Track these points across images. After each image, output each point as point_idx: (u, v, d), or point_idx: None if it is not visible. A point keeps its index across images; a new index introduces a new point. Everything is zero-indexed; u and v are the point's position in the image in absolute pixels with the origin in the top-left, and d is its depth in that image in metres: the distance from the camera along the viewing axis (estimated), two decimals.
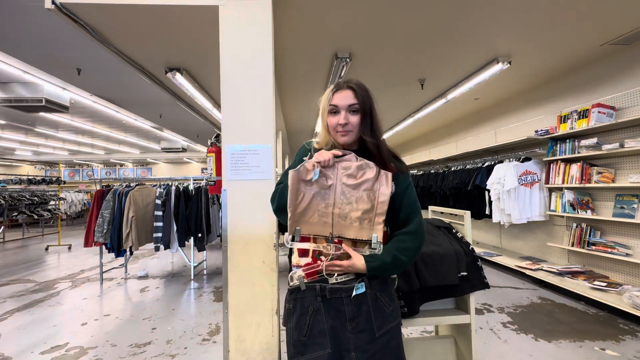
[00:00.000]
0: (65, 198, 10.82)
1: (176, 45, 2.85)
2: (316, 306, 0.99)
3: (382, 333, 0.99)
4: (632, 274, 3.11)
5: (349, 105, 1.03)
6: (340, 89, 1.05)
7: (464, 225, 1.72)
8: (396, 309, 1.06)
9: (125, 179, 5.10)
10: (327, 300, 0.99)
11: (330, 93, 1.06)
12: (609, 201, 3.28)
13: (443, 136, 7.03)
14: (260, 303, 1.87)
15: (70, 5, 2.04)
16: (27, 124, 7.15)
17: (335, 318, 0.99)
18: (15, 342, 2.66)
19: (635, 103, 3.04)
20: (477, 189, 4.55)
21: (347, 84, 1.05)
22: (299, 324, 0.99)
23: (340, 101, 1.03)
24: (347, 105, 1.03)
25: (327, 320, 0.98)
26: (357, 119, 1.04)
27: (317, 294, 0.99)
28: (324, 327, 0.98)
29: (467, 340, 1.67)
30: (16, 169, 14.79)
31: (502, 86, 4.38)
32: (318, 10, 2.49)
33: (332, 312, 0.99)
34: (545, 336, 2.56)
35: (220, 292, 3.80)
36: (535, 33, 2.92)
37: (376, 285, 1.01)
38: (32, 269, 5.17)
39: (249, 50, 1.94)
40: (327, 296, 0.99)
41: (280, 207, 1.06)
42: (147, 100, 5.03)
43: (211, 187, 3.97)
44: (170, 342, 2.60)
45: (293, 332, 1.00)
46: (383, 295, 1.02)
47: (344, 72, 3.57)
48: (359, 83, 1.07)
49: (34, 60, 3.47)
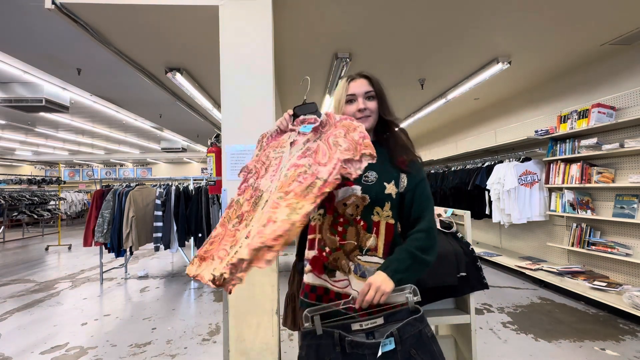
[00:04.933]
0: (65, 198, 10.81)
1: (176, 45, 2.85)
2: (333, 357, 0.84)
3: None
4: (632, 274, 3.11)
5: (365, 92, 1.06)
6: (354, 78, 1.08)
7: (464, 225, 1.72)
8: None
9: (125, 179, 5.10)
10: (347, 354, 0.84)
11: (345, 83, 1.09)
12: (609, 201, 3.28)
13: (443, 136, 7.03)
14: (260, 303, 1.87)
15: (70, 5, 2.04)
16: (27, 124, 7.15)
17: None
18: (15, 342, 2.66)
19: (635, 103, 3.04)
20: (477, 189, 4.55)
21: (360, 74, 1.09)
22: None
23: (357, 89, 1.07)
24: (364, 92, 1.06)
25: None
26: (374, 104, 1.07)
27: (336, 343, 0.84)
28: None
29: (467, 340, 1.67)
30: (16, 169, 14.79)
31: (502, 86, 4.38)
32: (318, 10, 2.49)
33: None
34: (545, 336, 2.56)
35: (220, 292, 3.80)
36: (535, 33, 2.92)
37: (409, 340, 0.84)
38: (32, 269, 5.17)
39: (249, 50, 1.94)
40: (347, 350, 0.84)
41: None
42: (147, 100, 5.03)
43: (211, 187, 3.96)
44: (170, 342, 2.60)
45: None
46: (420, 354, 0.85)
47: (344, 72, 3.57)
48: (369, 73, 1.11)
49: (34, 60, 3.47)
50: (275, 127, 1.07)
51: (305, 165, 0.90)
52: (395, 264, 0.90)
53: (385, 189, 0.99)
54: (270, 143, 1.08)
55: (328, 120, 1.00)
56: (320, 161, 0.90)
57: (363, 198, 0.98)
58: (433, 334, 0.90)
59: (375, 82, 1.07)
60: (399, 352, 0.82)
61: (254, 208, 0.91)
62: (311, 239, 1.00)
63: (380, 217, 0.99)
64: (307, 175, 0.87)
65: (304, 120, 1.04)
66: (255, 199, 0.92)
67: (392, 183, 1.01)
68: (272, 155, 1.04)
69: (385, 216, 0.99)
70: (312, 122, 1.02)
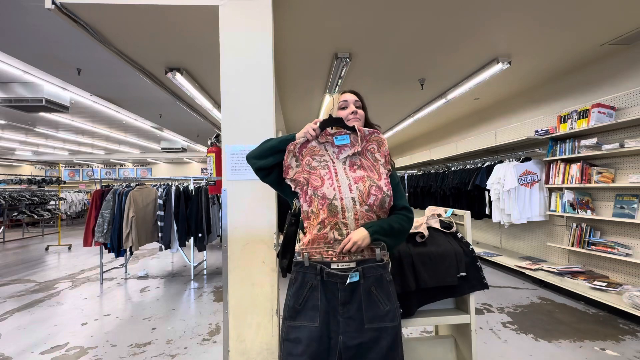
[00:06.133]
0: (65, 198, 10.82)
1: (176, 45, 2.85)
2: (314, 283, 1.09)
3: (372, 327, 1.06)
4: (632, 274, 3.11)
5: (355, 100, 1.32)
6: (345, 92, 1.35)
7: (464, 225, 1.72)
8: (393, 312, 1.10)
9: (125, 179, 5.10)
10: (324, 282, 1.09)
11: (338, 95, 1.35)
12: (609, 201, 3.28)
13: (443, 136, 7.03)
14: (260, 303, 1.87)
15: (70, 5, 2.04)
16: (27, 124, 7.15)
17: (330, 300, 1.08)
18: (15, 342, 2.66)
19: (635, 103, 3.04)
20: (477, 189, 4.55)
21: (349, 90, 1.35)
22: (297, 294, 1.10)
23: (348, 98, 1.32)
24: (354, 100, 1.32)
25: (321, 298, 1.08)
26: (361, 111, 1.31)
27: (317, 273, 1.09)
28: (317, 303, 1.08)
29: (467, 340, 1.67)
30: (16, 169, 14.79)
31: (502, 86, 4.38)
32: (318, 10, 2.49)
33: (328, 294, 1.09)
34: (545, 336, 2.56)
35: (220, 292, 3.80)
36: (535, 33, 2.92)
37: (371, 279, 1.09)
38: (32, 269, 5.17)
39: (249, 50, 1.94)
40: (324, 278, 1.09)
41: None
42: (147, 100, 5.03)
43: (211, 187, 3.97)
44: (170, 342, 2.61)
45: (291, 298, 1.11)
46: (379, 291, 1.10)
47: (344, 72, 3.57)
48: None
49: (34, 60, 3.47)
50: (303, 136, 1.21)
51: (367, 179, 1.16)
52: (377, 227, 1.11)
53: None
54: (302, 151, 1.23)
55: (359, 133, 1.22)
56: (373, 176, 1.18)
57: None
58: (392, 280, 1.16)
59: (361, 97, 1.34)
60: (361, 285, 1.08)
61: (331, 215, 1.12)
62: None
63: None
64: (375, 187, 1.14)
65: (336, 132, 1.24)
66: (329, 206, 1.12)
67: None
68: (314, 164, 1.20)
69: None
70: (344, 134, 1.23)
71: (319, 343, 1.05)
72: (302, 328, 1.06)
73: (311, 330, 1.05)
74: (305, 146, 1.23)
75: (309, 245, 1.13)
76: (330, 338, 1.06)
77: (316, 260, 1.11)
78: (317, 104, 5.13)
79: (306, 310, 1.08)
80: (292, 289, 1.12)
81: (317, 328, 1.05)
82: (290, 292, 1.12)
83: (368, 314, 1.07)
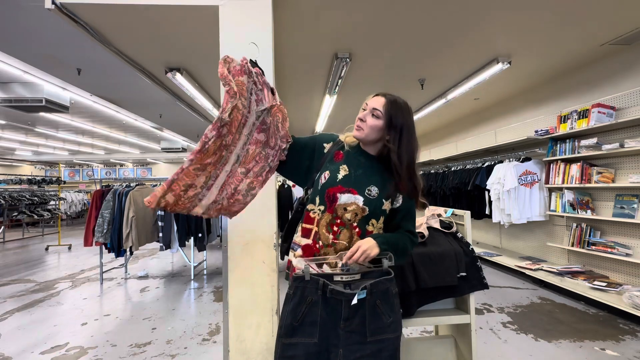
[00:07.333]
0: (65, 198, 10.81)
1: (176, 45, 2.85)
2: (315, 298, 1.03)
3: (374, 340, 1.02)
4: (632, 274, 3.11)
5: (373, 107, 1.13)
6: (378, 94, 1.17)
7: (464, 225, 1.72)
8: (396, 322, 1.07)
9: (125, 179, 5.10)
10: (327, 297, 1.03)
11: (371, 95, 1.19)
12: (609, 201, 3.28)
13: (443, 136, 7.03)
14: (260, 303, 1.87)
15: (70, 5, 2.04)
16: (27, 124, 7.15)
17: (331, 314, 1.03)
18: (15, 342, 2.66)
19: (635, 103, 3.04)
20: (477, 189, 4.55)
21: (385, 93, 1.16)
22: (295, 311, 1.03)
23: (370, 103, 1.15)
24: (372, 107, 1.13)
25: (321, 314, 1.03)
26: (373, 121, 1.13)
27: (319, 288, 1.03)
28: (317, 319, 1.02)
29: (467, 340, 1.67)
30: (16, 169, 14.79)
31: (502, 86, 4.37)
32: (318, 10, 2.49)
33: (329, 309, 1.03)
34: (545, 336, 2.56)
35: (220, 292, 3.80)
36: (535, 33, 2.92)
37: (377, 293, 1.04)
38: (32, 269, 5.18)
39: (249, 50, 1.94)
40: (327, 295, 1.02)
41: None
42: (147, 100, 5.03)
43: None
44: (170, 342, 2.61)
45: (288, 315, 1.04)
46: (383, 305, 1.05)
47: (344, 72, 3.57)
48: (398, 99, 1.16)
49: (34, 60, 3.47)
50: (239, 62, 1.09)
51: (261, 144, 1.08)
52: (386, 238, 1.09)
53: (383, 205, 1.14)
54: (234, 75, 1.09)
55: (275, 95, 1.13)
56: (270, 143, 1.08)
57: (363, 209, 1.11)
58: (397, 292, 1.10)
59: (389, 107, 1.12)
60: (367, 301, 1.02)
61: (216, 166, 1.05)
62: (308, 229, 1.16)
63: (374, 228, 1.14)
64: (262, 156, 1.07)
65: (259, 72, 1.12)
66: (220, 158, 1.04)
67: (389, 200, 1.15)
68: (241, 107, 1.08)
69: (378, 227, 1.16)
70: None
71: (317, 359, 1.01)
72: (299, 345, 1.01)
73: (309, 346, 1.01)
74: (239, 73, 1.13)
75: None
76: (330, 352, 1.02)
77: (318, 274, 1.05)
78: (317, 104, 5.13)
79: (304, 326, 1.02)
80: (289, 305, 1.05)
81: (316, 344, 1.01)
82: (287, 308, 1.05)
83: (371, 327, 1.03)
